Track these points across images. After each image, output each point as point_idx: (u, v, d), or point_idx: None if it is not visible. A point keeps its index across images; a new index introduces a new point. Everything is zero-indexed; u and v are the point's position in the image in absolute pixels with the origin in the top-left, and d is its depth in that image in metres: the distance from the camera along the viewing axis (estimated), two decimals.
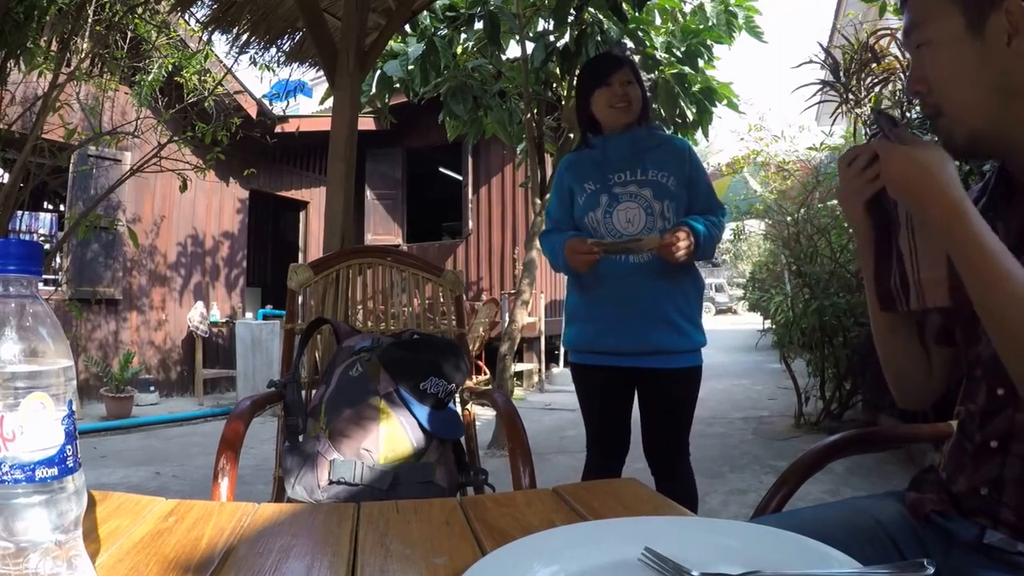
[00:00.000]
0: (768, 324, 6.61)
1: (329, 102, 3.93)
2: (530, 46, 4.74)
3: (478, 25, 4.73)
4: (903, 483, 0.92)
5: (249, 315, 7.99)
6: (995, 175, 0.85)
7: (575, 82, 2.39)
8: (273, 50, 4.32)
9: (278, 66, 4.57)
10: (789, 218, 5.33)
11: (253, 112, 7.06)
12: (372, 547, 0.68)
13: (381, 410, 1.28)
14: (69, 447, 0.52)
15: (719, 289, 28.24)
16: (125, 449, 4.84)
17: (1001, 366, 0.75)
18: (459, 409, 1.51)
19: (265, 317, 7.67)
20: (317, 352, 1.76)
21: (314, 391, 1.54)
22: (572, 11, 4.26)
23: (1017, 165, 0.80)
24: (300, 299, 1.76)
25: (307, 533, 0.74)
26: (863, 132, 4.38)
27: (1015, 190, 0.81)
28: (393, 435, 1.28)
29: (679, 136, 5.13)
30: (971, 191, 0.92)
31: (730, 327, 17.88)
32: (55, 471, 0.50)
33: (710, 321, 21.95)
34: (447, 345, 1.41)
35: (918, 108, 4.03)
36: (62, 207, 7.07)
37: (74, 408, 0.53)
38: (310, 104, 11.33)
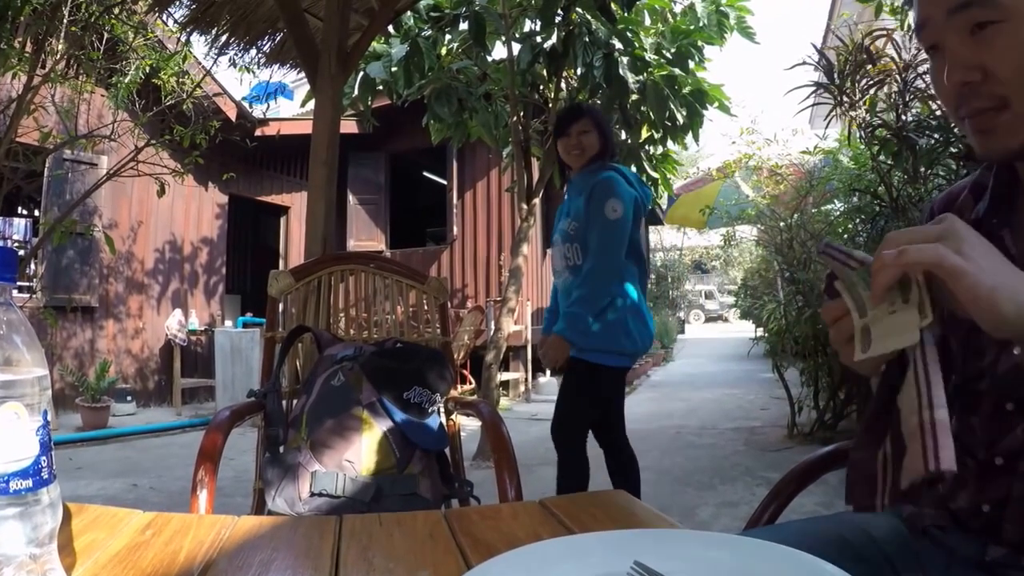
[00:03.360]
0: (760, 332, 6.59)
1: (310, 105, 3.91)
2: (516, 47, 4.72)
3: (463, 26, 4.70)
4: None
5: (228, 323, 7.90)
6: (995, 176, 0.77)
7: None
8: (253, 51, 4.29)
9: (258, 68, 4.54)
10: (782, 223, 5.27)
11: (232, 115, 6.99)
12: (354, 561, 0.67)
13: (364, 420, 1.27)
14: (44, 458, 0.51)
15: (709, 296, 27.77)
16: (101, 460, 4.76)
17: (1012, 381, 0.71)
18: (443, 419, 1.50)
19: (245, 325, 7.57)
20: (298, 361, 1.74)
21: (295, 401, 1.52)
22: (559, 11, 4.23)
23: None
24: (281, 307, 1.74)
25: (288, 546, 0.73)
26: (858, 135, 4.36)
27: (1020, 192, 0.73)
28: (376, 446, 1.26)
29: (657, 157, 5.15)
30: (949, 193, 0.86)
31: (721, 335, 17.88)
32: (29, 483, 0.50)
33: (700, 329, 21.97)
34: (431, 354, 1.40)
35: (914, 112, 4.03)
36: (37, 212, 6.94)
37: (49, 418, 0.53)
38: (291, 107, 11.27)
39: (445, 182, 9.36)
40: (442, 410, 1.50)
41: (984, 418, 0.76)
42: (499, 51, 5.05)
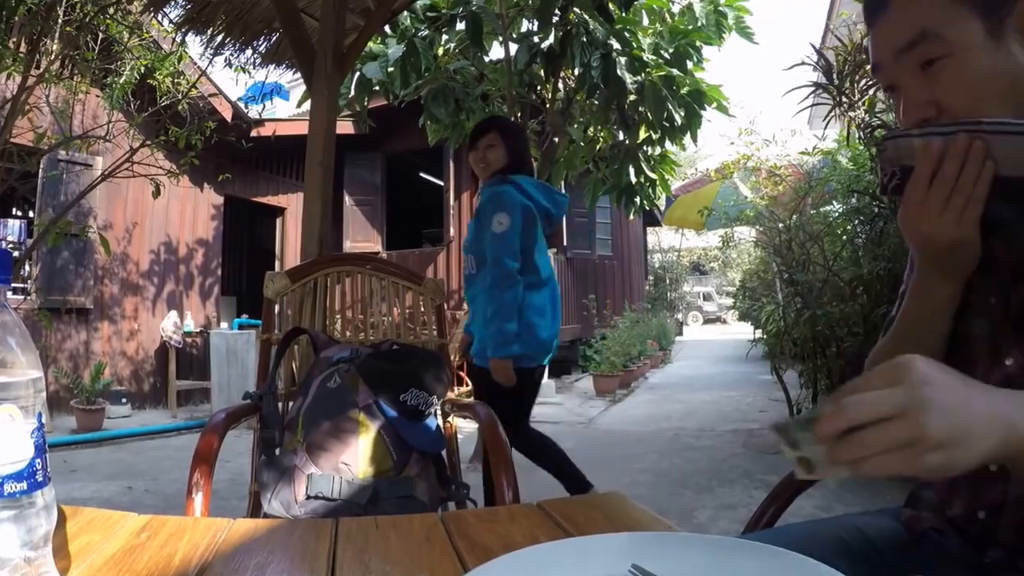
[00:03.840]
0: (759, 334, 6.55)
1: (306, 105, 3.89)
2: (513, 47, 4.70)
3: (460, 26, 4.68)
4: (898, 498, 0.89)
5: (224, 325, 7.87)
6: None
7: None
8: (249, 51, 4.27)
9: (254, 68, 4.52)
10: (781, 225, 5.23)
11: (228, 115, 6.97)
12: (351, 564, 0.67)
13: (360, 423, 1.26)
14: (38, 461, 0.51)
15: (707, 298, 27.16)
16: (96, 463, 4.73)
17: None
18: (440, 421, 1.49)
19: (240, 327, 7.54)
20: (294, 363, 1.73)
21: (291, 403, 1.51)
22: (557, 11, 4.19)
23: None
24: (277, 308, 1.73)
25: (284, 550, 0.72)
26: (856, 136, 4.32)
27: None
28: (372, 448, 1.25)
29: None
30: None
31: (719, 337, 17.79)
32: (24, 485, 0.50)
33: (698, 331, 21.91)
34: (428, 356, 1.39)
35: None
36: (31, 213, 6.91)
37: (43, 421, 0.53)
38: (287, 107, 11.24)
39: (442, 183, 9.35)
40: (439, 412, 1.50)
41: None
42: (496, 51, 5.04)
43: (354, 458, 1.24)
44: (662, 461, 4.39)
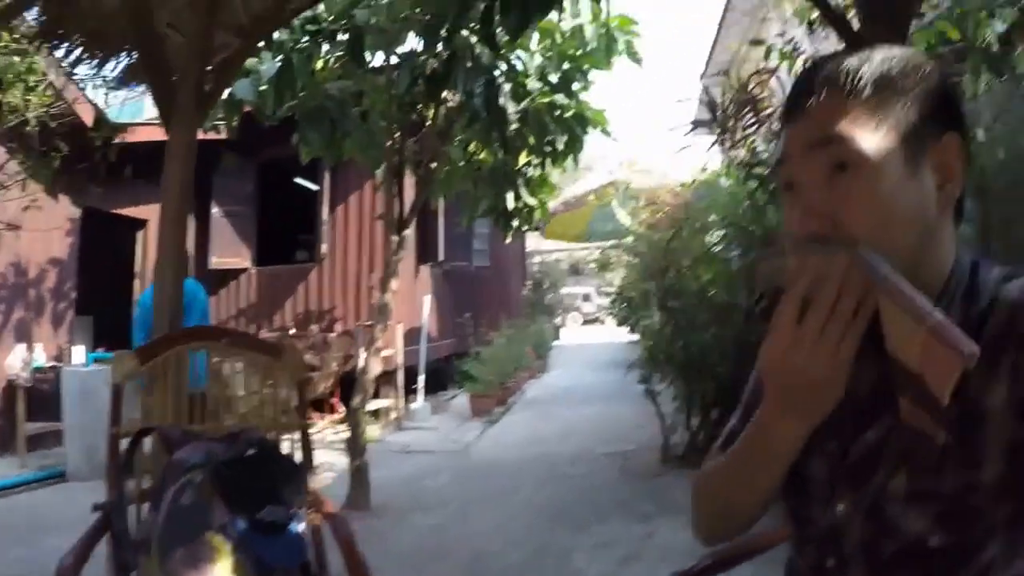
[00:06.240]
0: (636, 337, 6.43)
1: None
2: (396, 63, 4.54)
3: (342, 37, 4.44)
4: None
5: (79, 350, 7.05)
6: None
7: None
8: (111, 65, 3.93)
9: (116, 87, 4.18)
10: (660, 247, 5.16)
11: (89, 120, 6.39)
12: None
13: (215, 548, 1.22)
14: None
15: (586, 299, 26.99)
16: None
17: (832, 537, 0.71)
18: (302, 526, 1.46)
19: (96, 361, 6.81)
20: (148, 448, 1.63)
21: (147, 505, 1.43)
22: (444, 33, 3.93)
23: None
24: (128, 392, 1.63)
25: None
26: (739, 176, 4.18)
27: None
28: (231, 573, 1.21)
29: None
30: None
31: (599, 340, 17.54)
32: None
33: (577, 332, 21.73)
34: (286, 467, 1.36)
35: None
36: None
37: None
38: (154, 108, 10.44)
39: (317, 187, 8.93)
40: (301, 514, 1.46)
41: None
42: (378, 59, 4.80)
43: None
44: (538, 493, 4.31)
